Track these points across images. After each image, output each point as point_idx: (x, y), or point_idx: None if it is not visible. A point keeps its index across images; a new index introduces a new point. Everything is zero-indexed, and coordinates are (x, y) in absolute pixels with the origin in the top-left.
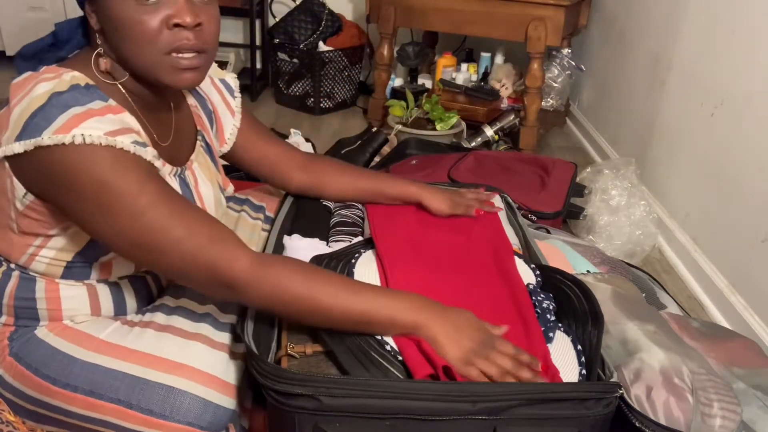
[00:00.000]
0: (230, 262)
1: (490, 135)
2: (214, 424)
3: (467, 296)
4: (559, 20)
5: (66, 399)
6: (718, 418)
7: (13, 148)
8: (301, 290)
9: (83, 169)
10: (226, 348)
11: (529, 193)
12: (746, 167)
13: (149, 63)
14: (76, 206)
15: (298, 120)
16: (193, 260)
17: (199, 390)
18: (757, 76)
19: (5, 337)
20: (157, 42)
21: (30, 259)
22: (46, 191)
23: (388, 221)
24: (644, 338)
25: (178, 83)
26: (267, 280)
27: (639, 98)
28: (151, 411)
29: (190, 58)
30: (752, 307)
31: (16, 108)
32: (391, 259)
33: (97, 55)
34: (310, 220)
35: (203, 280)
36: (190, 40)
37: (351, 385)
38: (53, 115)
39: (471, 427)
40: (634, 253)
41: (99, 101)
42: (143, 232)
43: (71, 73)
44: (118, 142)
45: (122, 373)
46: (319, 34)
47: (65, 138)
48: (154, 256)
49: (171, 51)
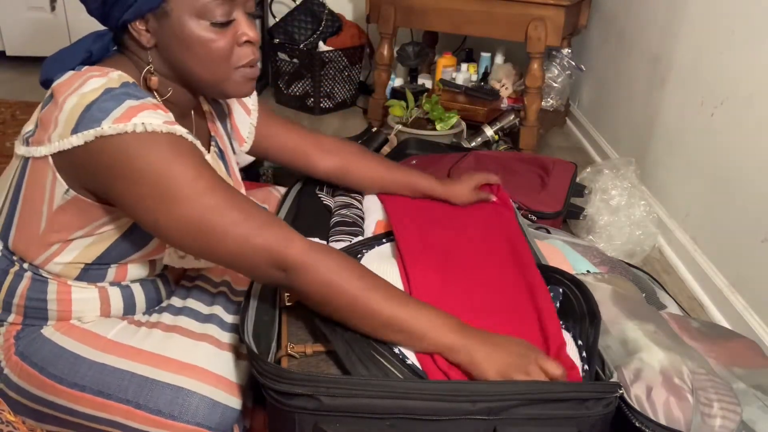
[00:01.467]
0: (286, 244)
1: (490, 135)
2: (222, 424)
3: (485, 290)
4: (559, 20)
5: (73, 398)
6: (718, 418)
7: (71, 141)
8: (355, 286)
9: (144, 155)
10: (232, 348)
11: (529, 193)
12: (746, 167)
13: (221, 78)
14: (134, 195)
15: (298, 120)
16: (250, 242)
17: (207, 390)
18: (757, 76)
19: (11, 336)
20: (230, 59)
21: (48, 259)
22: (101, 183)
23: (406, 214)
24: (644, 338)
25: (245, 93)
26: (321, 267)
27: (639, 98)
28: (159, 411)
29: (254, 70)
30: (752, 307)
31: (66, 104)
32: (411, 255)
33: (147, 72)
34: (310, 220)
35: (258, 261)
36: (255, 54)
37: (351, 385)
38: (110, 106)
39: (471, 427)
40: (634, 253)
41: (150, 98)
42: (201, 214)
43: (117, 71)
44: (177, 130)
45: (130, 373)
46: (319, 34)
47: (126, 126)
48: (209, 240)
49: (241, 66)
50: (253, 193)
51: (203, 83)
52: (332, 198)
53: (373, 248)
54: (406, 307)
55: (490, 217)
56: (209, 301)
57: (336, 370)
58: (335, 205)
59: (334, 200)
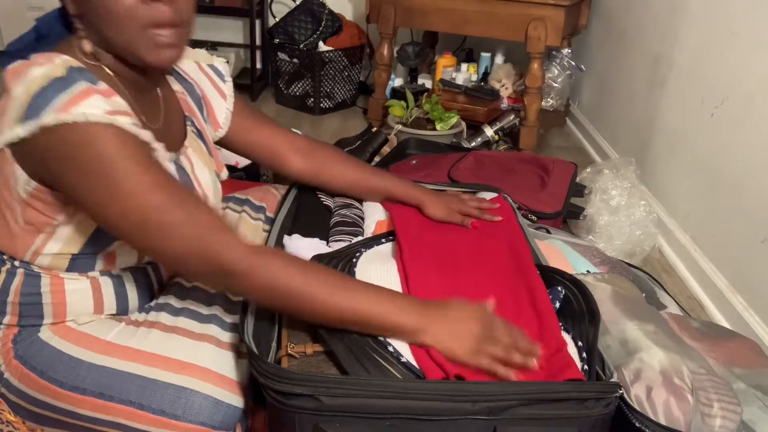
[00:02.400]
0: (229, 250)
1: (490, 135)
2: (225, 423)
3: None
4: (559, 20)
5: (74, 401)
6: (718, 418)
7: (17, 132)
8: (297, 283)
9: (87, 146)
10: (233, 348)
11: (529, 193)
12: (746, 167)
13: (129, 40)
14: (82, 186)
15: (298, 120)
16: (193, 245)
17: (209, 389)
18: (757, 76)
19: (9, 340)
20: (134, 17)
21: (36, 253)
22: (51, 174)
23: (407, 214)
24: (644, 338)
25: (159, 61)
26: (264, 270)
27: (639, 98)
28: (163, 411)
29: (167, 34)
30: (752, 307)
31: (13, 93)
32: (411, 254)
33: (79, 39)
34: (310, 220)
35: (202, 266)
36: (166, 13)
37: (351, 385)
38: (52, 96)
39: (471, 427)
40: (634, 253)
41: (91, 83)
42: (146, 212)
43: (61, 56)
44: (119, 121)
45: (132, 374)
46: (319, 34)
47: (68, 117)
48: (155, 239)
49: (149, 26)
50: (251, 191)
51: (118, 48)
52: (332, 198)
53: (372, 248)
54: (360, 297)
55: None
56: (208, 301)
57: (336, 370)
58: (335, 205)
59: (334, 200)
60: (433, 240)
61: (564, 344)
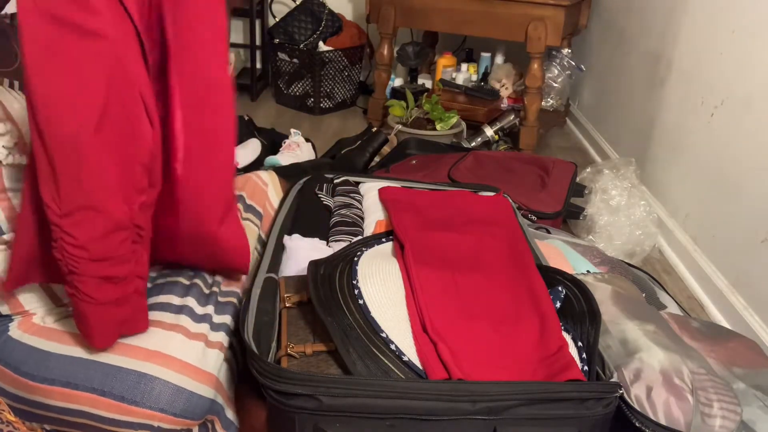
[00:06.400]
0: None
1: (490, 135)
2: (188, 411)
3: (485, 290)
4: (559, 20)
5: (45, 393)
6: (718, 418)
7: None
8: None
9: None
10: (203, 338)
11: (529, 193)
12: (746, 167)
13: None
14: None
15: (298, 120)
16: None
17: (170, 376)
18: (757, 76)
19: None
20: None
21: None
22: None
23: (407, 214)
24: (644, 338)
25: None
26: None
27: (639, 98)
28: (123, 397)
29: None
30: (752, 307)
31: None
32: (414, 254)
33: None
34: (310, 220)
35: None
36: None
37: (351, 385)
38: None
39: (471, 427)
40: (634, 253)
41: None
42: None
43: None
44: None
45: (97, 362)
46: (319, 34)
47: None
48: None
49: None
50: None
51: None
52: (332, 198)
53: (373, 247)
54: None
55: (491, 216)
56: (182, 293)
57: (336, 370)
58: (335, 204)
59: (333, 200)
60: (433, 240)
61: (565, 344)
